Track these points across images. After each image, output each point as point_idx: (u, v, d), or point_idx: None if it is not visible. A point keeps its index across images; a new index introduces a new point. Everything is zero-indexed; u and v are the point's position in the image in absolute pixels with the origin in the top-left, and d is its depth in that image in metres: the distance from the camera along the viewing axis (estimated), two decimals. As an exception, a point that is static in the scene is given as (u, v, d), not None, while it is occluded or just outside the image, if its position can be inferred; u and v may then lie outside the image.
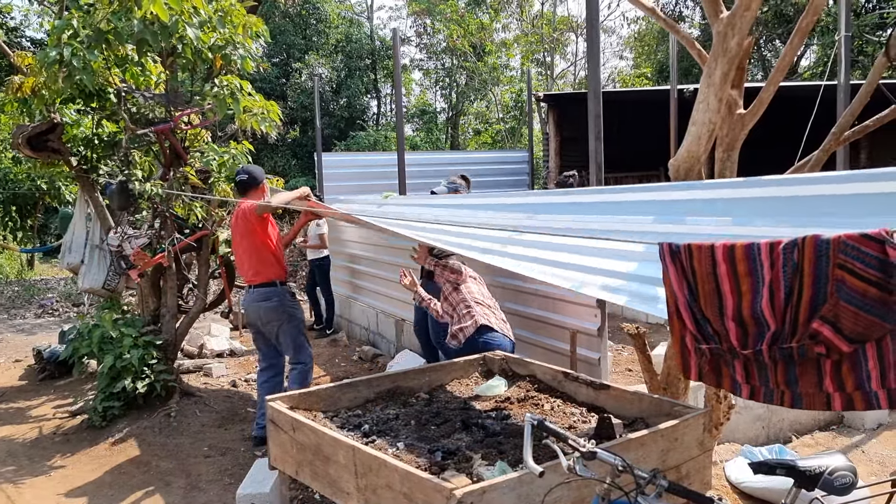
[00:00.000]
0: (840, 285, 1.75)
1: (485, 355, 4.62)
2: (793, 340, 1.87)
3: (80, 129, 6.65)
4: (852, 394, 1.80)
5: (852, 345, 1.76)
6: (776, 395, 1.97)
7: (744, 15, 3.16)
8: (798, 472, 2.40)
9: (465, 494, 2.44)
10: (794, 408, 1.95)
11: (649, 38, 25.11)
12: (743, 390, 2.06)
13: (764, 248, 1.91)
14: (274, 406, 3.63)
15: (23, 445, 5.53)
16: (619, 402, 3.71)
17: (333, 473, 3.17)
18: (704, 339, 2.10)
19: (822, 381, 1.85)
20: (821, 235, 1.80)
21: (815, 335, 1.81)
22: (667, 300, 2.25)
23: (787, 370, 1.92)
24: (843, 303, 1.75)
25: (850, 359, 1.79)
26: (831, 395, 1.84)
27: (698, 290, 2.06)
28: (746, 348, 1.98)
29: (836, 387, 1.83)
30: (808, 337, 1.82)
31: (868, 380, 1.78)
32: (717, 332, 2.06)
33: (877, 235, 1.69)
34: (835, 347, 1.78)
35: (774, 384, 1.96)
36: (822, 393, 1.86)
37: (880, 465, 4.68)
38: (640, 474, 2.19)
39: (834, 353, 1.79)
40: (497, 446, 3.28)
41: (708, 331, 2.08)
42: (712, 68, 3.28)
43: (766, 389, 1.99)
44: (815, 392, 1.87)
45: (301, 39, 24.01)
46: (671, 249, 2.14)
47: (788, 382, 1.93)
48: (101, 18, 4.87)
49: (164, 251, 6.00)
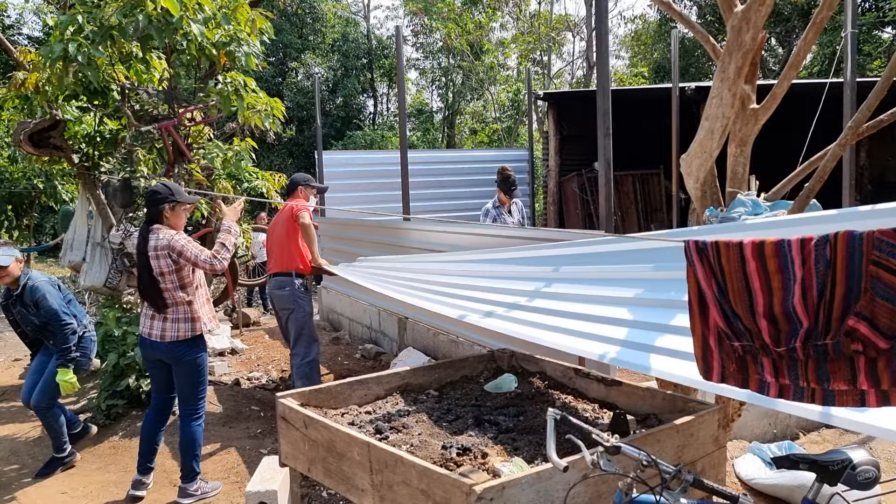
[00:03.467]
0: (875, 281, 1.74)
1: (493, 352, 4.60)
2: (827, 337, 1.85)
3: (82, 125, 6.62)
4: (889, 390, 1.78)
5: (889, 341, 1.74)
6: (807, 392, 1.95)
7: (759, 9, 3.15)
8: (820, 467, 2.39)
9: (484, 490, 2.42)
10: (825, 405, 1.92)
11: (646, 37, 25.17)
12: (772, 389, 2.04)
13: (795, 245, 1.89)
14: (285, 403, 3.60)
15: (25, 444, 5.49)
16: (632, 399, 3.70)
17: (347, 470, 3.14)
18: (736, 336, 2.07)
19: (857, 377, 1.83)
20: (853, 231, 1.79)
21: (851, 332, 1.79)
22: (689, 301, 2.23)
23: (819, 367, 1.90)
24: (878, 299, 1.73)
25: (886, 355, 1.77)
26: (866, 392, 1.82)
27: (727, 288, 2.04)
28: (780, 346, 1.96)
29: (872, 383, 1.81)
30: (844, 334, 1.81)
31: None
32: (748, 330, 2.03)
33: None
34: (872, 344, 1.76)
35: (805, 382, 1.94)
36: (856, 389, 1.84)
37: (888, 461, 4.69)
38: (666, 468, 2.17)
39: (870, 350, 1.77)
40: (511, 442, 3.26)
41: (739, 328, 2.05)
42: (726, 63, 3.27)
43: (796, 388, 1.97)
44: (848, 389, 1.85)
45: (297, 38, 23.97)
46: (697, 247, 2.12)
47: (820, 380, 1.91)
48: (112, 13, 4.83)
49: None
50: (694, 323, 2.15)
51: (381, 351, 8.02)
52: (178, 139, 5.92)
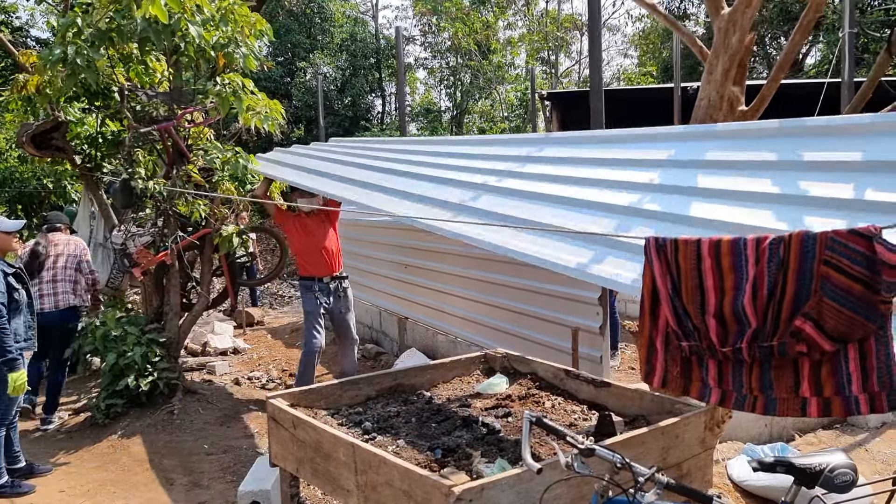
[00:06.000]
0: (825, 282, 1.73)
1: (486, 353, 4.62)
2: (773, 338, 1.83)
3: (84, 127, 6.68)
4: (831, 398, 1.76)
5: (834, 344, 1.72)
6: (748, 400, 1.93)
7: (745, 11, 3.16)
8: (798, 470, 2.38)
9: (463, 491, 2.43)
10: (766, 414, 1.90)
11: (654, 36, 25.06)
12: (713, 395, 2.02)
13: (750, 244, 1.89)
14: (275, 403, 3.63)
15: (26, 442, 5.54)
16: (621, 400, 3.70)
17: (333, 471, 3.16)
18: (684, 335, 2.07)
19: (800, 384, 1.81)
20: (808, 231, 1.79)
21: (796, 332, 1.77)
22: (642, 297, 2.23)
23: (763, 373, 1.88)
24: (826, 299, 1.72)
25: (831, 360, 1.75)
26: (808, 400, 1.80)
27: (681, 286, 2.04)
28: (726, 346, 1.95)
29: (814, 391, 1.78)
30: (790, 334, 1.79)
31: (848, 383, 1.74)
32: (697, 329, 2.03)
33: (865, 231, 1.67)
34: (816, 346, 1.74)
35: (748, 389, 1.92)
36: (797, 397, 1.81)
37: (883, 463, 4.66)
38: (639, 471, 2.18)
39: (815, 352, 1.75)
40: (497, 444, 3.28)
41: (688, 327, 2.05)
42: (713, 65, 3.27)
43: (739, 395, 1.95)
44: (790, 396, 1.83)
45: (306, 38, 24.02)
46: (657, 244, 2.12)
47: (763, 387, 1.89)
48: (101, 17, 4.88)
49: (167, 249, 6.02)
50: (643, 323, 2.15)
51: (382, 351, 8.04)
52: (177, 140, 5.96)
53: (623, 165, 3.34)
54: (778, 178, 2.51)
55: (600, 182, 3.27)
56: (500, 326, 5.95)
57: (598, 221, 2.92)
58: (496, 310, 6.01)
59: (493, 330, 6.06)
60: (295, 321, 10.33)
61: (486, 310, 6.17)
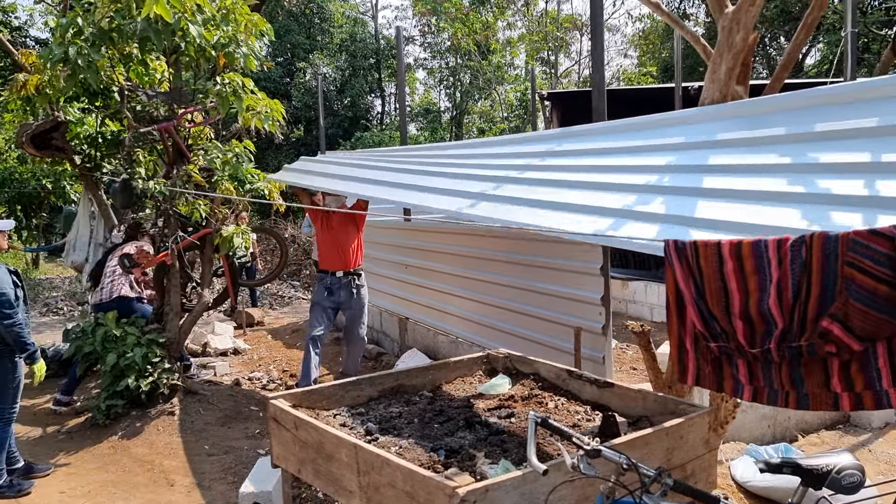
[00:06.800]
0: (849, 283, 1.72)
1: (488, 353, 4.60)
2: (801, 339, 1.83)
3: (83, 127, 6.66)
4: (862, 393, 1.77)
5: (862, 343, 1.73)
6: (780, 396, 1.93)
7: (749, 10, 3.14)
8: (805, 471, 2.37)
9: (468, 493, 2.42)
10: (799, 409, 1.91)
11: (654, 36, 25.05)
12: (745, 392, 2.02)
13: (771, 245, 1.88)
14: (276, 404, 3.62)
15: (27, 443, 5.53)
16: (624, 401, 3.69)
17: (336, 472, 3.15)
18: (712, 337, 2.06)
19: (830, 380, 1.82)
20: (829, 232, 1.77)
21: (824, 334, 1.77)
22: (667, 300, 2.22)
23: (793, 370, 1.89)
24: (852, 301, 1.72)
25: (860, 358, 1.75)
26: (839, 395, 1.81)
27: (705, 288, 2.03)
28: (754, 346, 1.95)
29: (845, 386, 1.79)
30: (818, 335, 1.79)
31: (878, 378, 1.75)
32: (724, 331, 2.03)
33: (887, 232, 1.65)
34: (845, 346, 1.75)
35: (779, 385, 1.93)
36: (829, 392, 1.82)
37: (887, 464, 4.65)
38: (645, 472, 2.16)
39: (844, 352, 1.76)
40: (501, 444, 3.26)
41: (716, 329, 2.05)
42: (717, 64, 3.25)
43: (770, 391, 1.96)
44: (821, 392, 1.84)
45: (305, 39, 24.02)
46: (676, 247, 2.11)
47: (794, 383, 1.89)
48: (102, 17, 4.86)
49: (167, 249, 6.00)
50: (671, 324, 2.14)
51: (383, 351, 8.02)
52: (177, 140, 5.94)
53: (641, 152, 3.38)
54: (786, 150, 2.52)
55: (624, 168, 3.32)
56: (502, 327, 5.93)
57: (623, 199, 2.93)
58: (498, 310, 5.99)
59: (495, 330, 6.04)
60: (295, 321, 10.31)
61: (488, 310, 6.15)
